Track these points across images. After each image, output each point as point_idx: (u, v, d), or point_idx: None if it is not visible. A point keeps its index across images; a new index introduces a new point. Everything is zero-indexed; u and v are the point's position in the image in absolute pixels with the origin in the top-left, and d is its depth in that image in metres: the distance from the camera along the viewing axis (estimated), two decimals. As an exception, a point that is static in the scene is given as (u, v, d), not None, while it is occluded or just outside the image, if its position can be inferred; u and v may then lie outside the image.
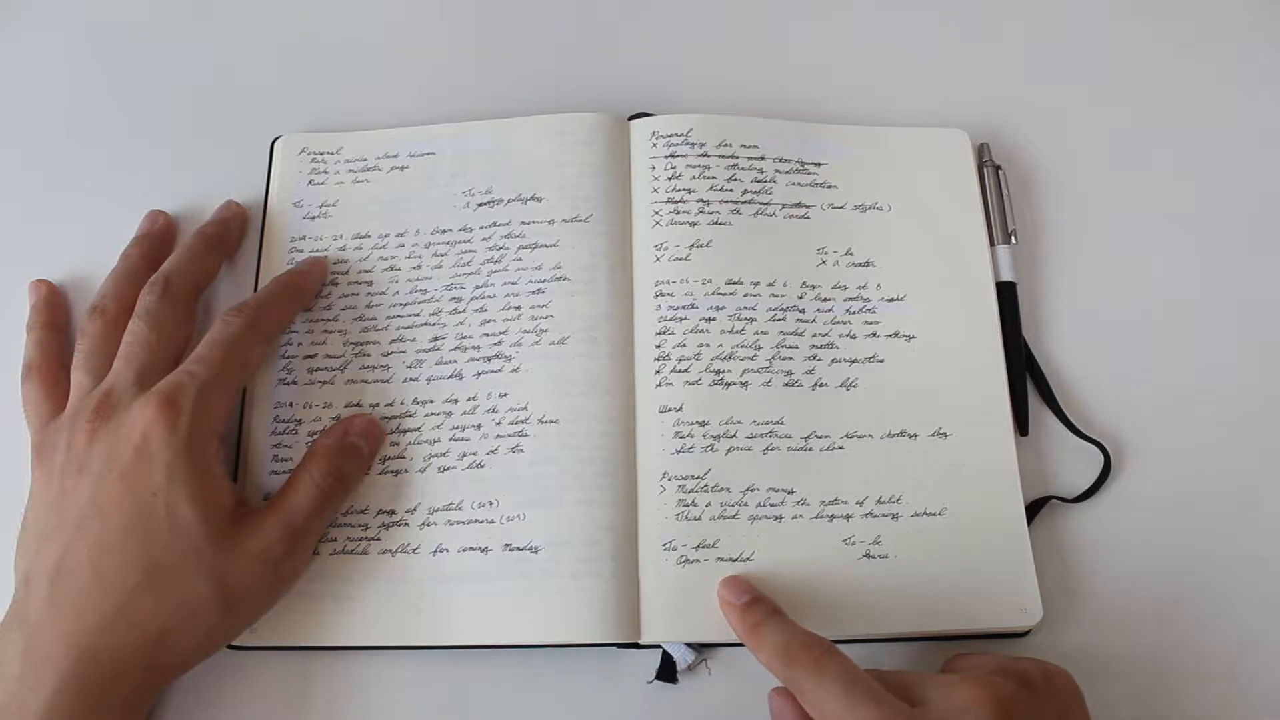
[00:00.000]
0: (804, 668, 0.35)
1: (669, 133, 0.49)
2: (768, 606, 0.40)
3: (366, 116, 0.51)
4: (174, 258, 0.45)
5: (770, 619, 0.39)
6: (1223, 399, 0.47)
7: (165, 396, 0.39)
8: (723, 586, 0.41)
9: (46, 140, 0.52)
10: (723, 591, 0.41)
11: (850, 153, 0.50)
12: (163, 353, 0.42)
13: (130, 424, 0.39)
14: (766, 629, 0.38)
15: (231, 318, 0.42)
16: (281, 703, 0.41)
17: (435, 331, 0.46)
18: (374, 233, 0.48)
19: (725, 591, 0.41)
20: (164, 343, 0.42)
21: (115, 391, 0.40)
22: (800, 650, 0.36)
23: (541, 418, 0.44)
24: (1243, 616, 0.43)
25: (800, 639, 0.37)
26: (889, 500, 0.43)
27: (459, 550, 0.42)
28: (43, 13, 0.56)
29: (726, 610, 0.40)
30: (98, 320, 0.43)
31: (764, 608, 0.39)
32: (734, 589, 0.41)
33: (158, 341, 0.42)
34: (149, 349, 0.41)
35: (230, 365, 0.41)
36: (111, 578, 0.37)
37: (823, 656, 0.36)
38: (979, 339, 0.46)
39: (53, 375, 0.44)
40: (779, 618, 0.39)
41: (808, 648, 0.36)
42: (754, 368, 0.45)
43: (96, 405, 0.40)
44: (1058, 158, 0.51)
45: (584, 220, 0.47)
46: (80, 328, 0.44)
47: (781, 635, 0.37)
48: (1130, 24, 0.55)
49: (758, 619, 0.39)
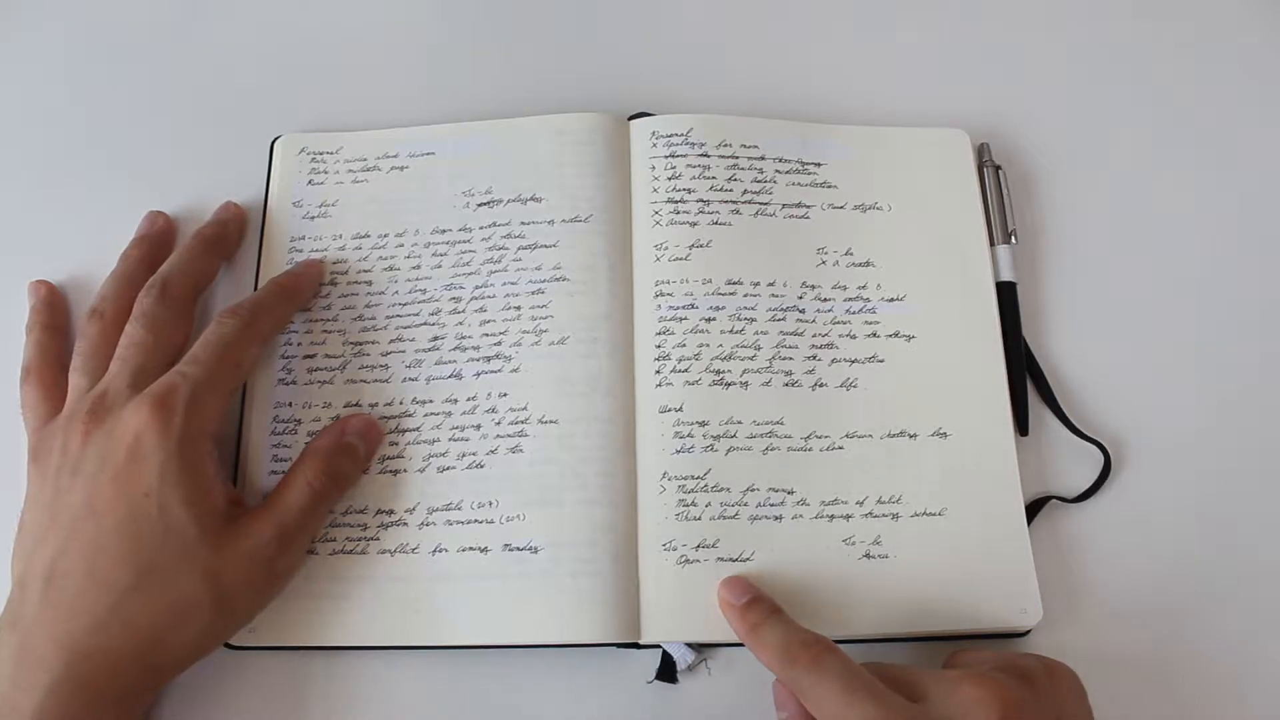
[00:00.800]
0: (803, 666, 0.36)
1: (669, 133, 0.49)
2: (767, 606, 0.40)
3: (366, 116, 0.51)
4: (172, 259, 0.45)
5: (769, 618, 0.39)
6: (1223, 399, 0.47)
7: (158, 398, 0.39)
8: (723, 587, 0.41)
9: (46, 140, 0.52)
10: (723, 592, 0.41)
11: (850, 153, 0.50)
12: (159, 354, 0.42)
13: (124, 425, 0.39)
14: (766, 628, 0.38)
15: (226, 319, 0.42)
16: (280, 703, 0.41)
17: (435, 331, 0.46)
18: (373, 232, 0.48)
19: (725, 592, 0.41)
20: (160, 345, 0.42)
21: (110, 393, 0.40)
22: (799, 649, 0.36)
23: (541, 418, 0.44)
24: (1243, 616, 0.43)
25: (799, 637, 0.37)
26: (889, 500, 0.43)
27: (458, 550, 0.42)
28: (43, 13, 0.56)
29: (726, 611, 0.40)
30: (96, 322, 0.44)
31: (763, 607, 0.39)
32: (734, 589, 0.41)
33: (154, 343, 0.42)
34: (145, 351, 0.42)
35: (224, 366, 0.41)
36: (105, 578, 0.37)
37: (821, 654, 0.36)
38: (979, 339, 0.46)
39: (51, 377, 0.44)
40: (778, 616, 0.39)
41: (807, 646, 0.36)
42: (754, 368, 0.45)
43: (91, 407, 0.40)
44: (1058, 158, 0.51)
45: (584, 220, 0.47)
46: (79, 330, 0.44)
47: (781, 634, 0.38)
48: (1130, 24, 0.55)
49: (757, 619, 0.39)
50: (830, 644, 0.36)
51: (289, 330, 0.46)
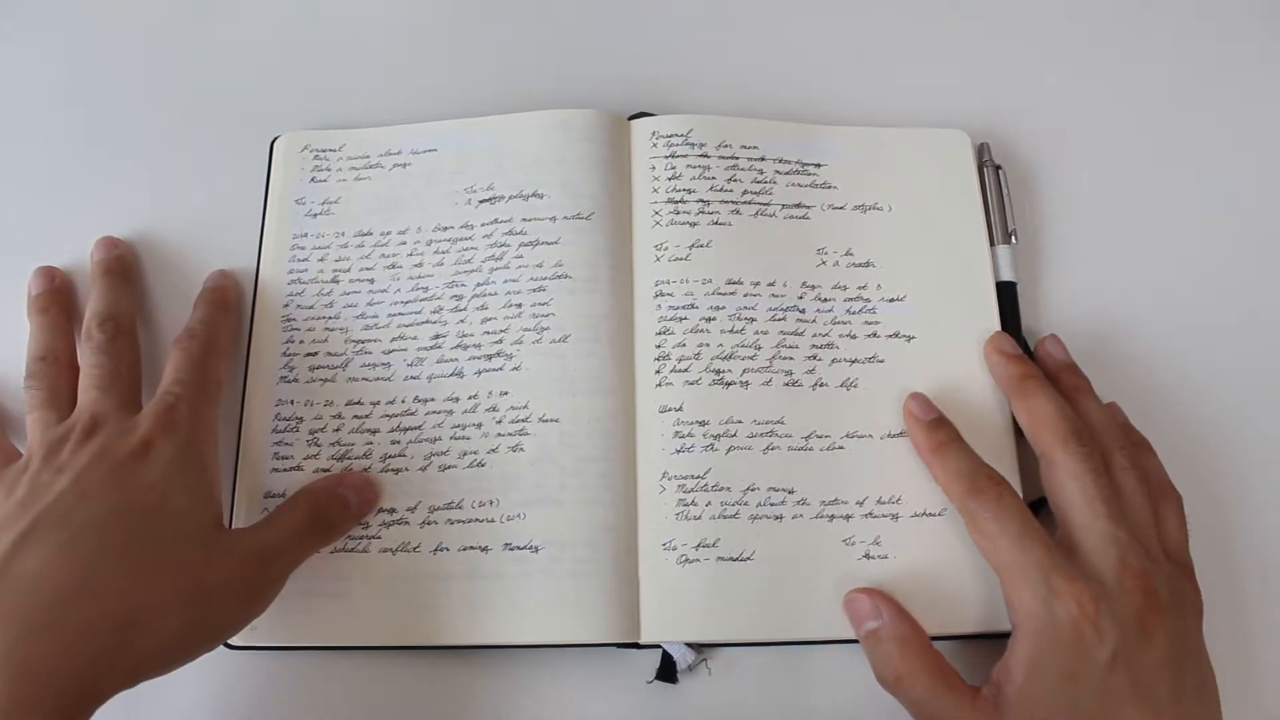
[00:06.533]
0: (989, 499, 0.39)
1: (669, 133, 0.49)
2: (952, 429, 0.42)
3: (367, 115, 0.51)
4: (103, 297, 0.45)
5: (956, 442, 0.42)
6: (1223, 399, 0.47)
7: (161, 413, 0.39)
8: (911, 400, 0.43)
9: (45, 140, 0.52)
10: (910, 404, 0.43)
11: (850, 153, 0.50)
12: (129, 382, 0.43)
13: (128, 434, 0.39)
14: (951, 451, 0.41)
15: (188, 342, 0.43)
16: (281, 703, 0.41)
17: (436, 329, 0.46)
18: (376, 230, 0.48)
19: (913, 405, 0.43)
20: (127, 373, 0.43)
21: (100, 415, 0.40)
22: (986, 481, 0.40)
23: (542, 416, 0.44)
24: (1243, 616, 0.43)
25: (985, 470, 0.40)
26: (889, 500, 0.43)
27: (459, 549, 0.42)
28: (42, 12, 0.56)
29: (911, 424, 0.43)
30: (52, 365, 0.43)
31: (950, 429, 0.42)
32: (921, 404, 0.43)
33: (125, 372, 0.43)
34: (119, 379, 0.42)
35: (207, 383, 0.42)
36: (80, 555, 0.35)
37: (1006, 492, 0.39)
38: (979, 339, 0.46)
39: None
40: (964, 444, 0.42)
41: (993, 481, 0.40)
42: (754, 367, 0.45)
43: (85, 426, 0.39)
44: (1058, 158, 0.52)
45: (585, 218, 0.47)
46: (30, 374, 0.43)
47: (968, 462, 0.41)
48: (1130, 24, 0.55)
49: (944, 439, 0.42)
50: (1011, 486, 0.40)
51: (291, 329, 0.46)
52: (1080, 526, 0.39)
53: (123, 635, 0.34)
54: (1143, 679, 0.35)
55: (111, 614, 0.34)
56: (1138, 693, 0.35)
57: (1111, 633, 0.36)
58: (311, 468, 0.44)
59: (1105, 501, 0.39)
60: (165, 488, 0.37)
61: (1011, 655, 0.37)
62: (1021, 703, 0.36)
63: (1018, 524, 0.38)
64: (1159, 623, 0.36)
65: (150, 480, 0.37)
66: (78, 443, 0.39)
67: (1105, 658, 0.35)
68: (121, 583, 0.35)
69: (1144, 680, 0.35)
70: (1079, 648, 0.36)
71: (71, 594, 0.34)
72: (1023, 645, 0.37)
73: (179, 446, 0.39)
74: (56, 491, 0.37)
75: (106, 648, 0.34)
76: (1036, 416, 0.42)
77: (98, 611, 0.34)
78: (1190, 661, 0.37)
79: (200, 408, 0.41)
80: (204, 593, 0.37)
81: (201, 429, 0.40)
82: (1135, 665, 0.35)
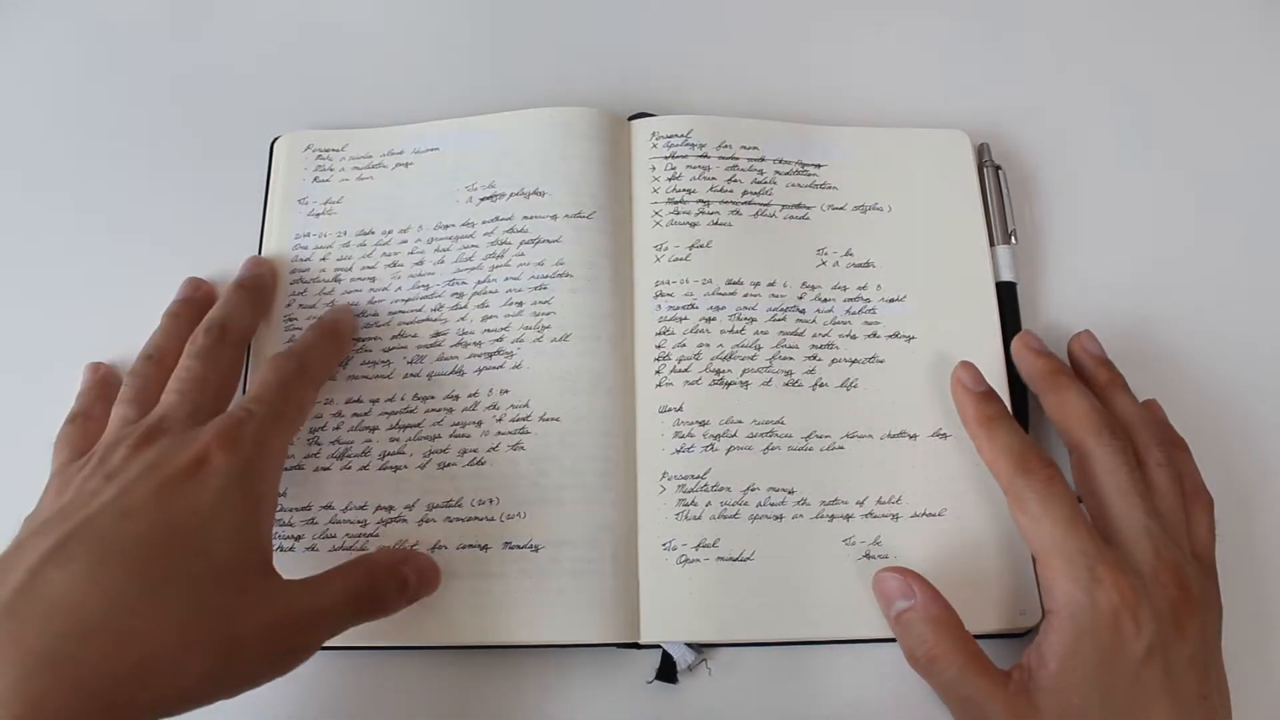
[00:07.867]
0: (1037, 480, 0.38)
1: (669, 133, 0.49)
2: (1003, 404, 0.42)
3: (367, 115, 0.51)
4: (224, 305, 0.44)
5: (1007, 417, 0.41)
6: (1223, 399, 0.47)
7: (225, 429, 0.37)
8: (961, 369, 0.43)
9: (45, 140, 0.52)
10: (960, 373, 0.43)
11: (850, 154, 0.50)
12: (215, 392, 0.41)
13: (184, 447, 0.36)
14: (1001, 426, 0.41)
15: (283, 361, 0.41)
16: (281, 703, 0.41)
17: (437, 327, 0.46)
18: (377, 229, 0.48)
19: (963, 374, 0.43)
20: (217, 383, 0.41)
21: (167, 419, 0.38)
22: (1036, 462, 0.39)
23: (543, 415, 0.44)
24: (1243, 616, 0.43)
25: (1035, 451, 0.40)
26: (889, 500, 0.43)
27: (458, 548, 0.42)
28: (42, 12, 0.56)
29: (960, 393, 0.43)
30: (151, 364, 0.42)
31: (1001, 404, 0.42)
32: (973, 375, 0.43)
33: (212, 381, 0.41)
34: (203, 386, 0.40)
35: (289, 406, 0.40)
36: (107, 582, 0.32)
37: (1056, 476, 0.39)
38: (979, 339, 0.46)
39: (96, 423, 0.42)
40: (1014, 421, 0.41)
41: (1044, 463, 0.39)
42: (754, 368, 0.45)
43: (146, 430, 0.37)
44: (1058, 158, 0.52)
45: (587, 216, 0.47)
46: (131, 370, 0.42)
47: (1018, 440, 0.40)
48: (1131, 24, 0.55)
49: (995, 413, 0.41)
50: (1060, 470, 0.39)
51: (293, 329, 0.46)
52: (1115, 517, 0.39)
53: (141, 678, 0.32)
54: (1174, 674, 0.35)
55: (132, 655, 0.32)
56: (1168, 687, 0.35)
57: (1149, 625, 0.35)
58: (311, 466, 0.44)
59: (1140, 495, 0.39)
60: (210, 516, 0.35)
61: (1045, 640, 0.37)
62: (1055, 688, 0.35)
63: (1066, 508, 0.38)
64: (1192, 617, 0.36)
65: (196, 505, 0.35)
66: (133, 448, 0.37)
67: (1141, 650, 0.35)
68: (147, 622, 0.32)
69: (1175, 675, 0.35)
70: (1117, 638, 0.35)
71: (94, 629, 0.32)
72: (1059, 631, 0.36)
73: (236, 469, 0.36)
74: (99, 504, 0.34)
75: (123, 690, 0.32)
76: (1067, 410, 0.41)
77: (118, 651, 0.32)
78: (1213, 659, 0.38)
79: (272, 433, 0.38)
80: (232, 645, 0.34)
81: (266, 455, 0.37)
82: (1168, 659, 0.35)
